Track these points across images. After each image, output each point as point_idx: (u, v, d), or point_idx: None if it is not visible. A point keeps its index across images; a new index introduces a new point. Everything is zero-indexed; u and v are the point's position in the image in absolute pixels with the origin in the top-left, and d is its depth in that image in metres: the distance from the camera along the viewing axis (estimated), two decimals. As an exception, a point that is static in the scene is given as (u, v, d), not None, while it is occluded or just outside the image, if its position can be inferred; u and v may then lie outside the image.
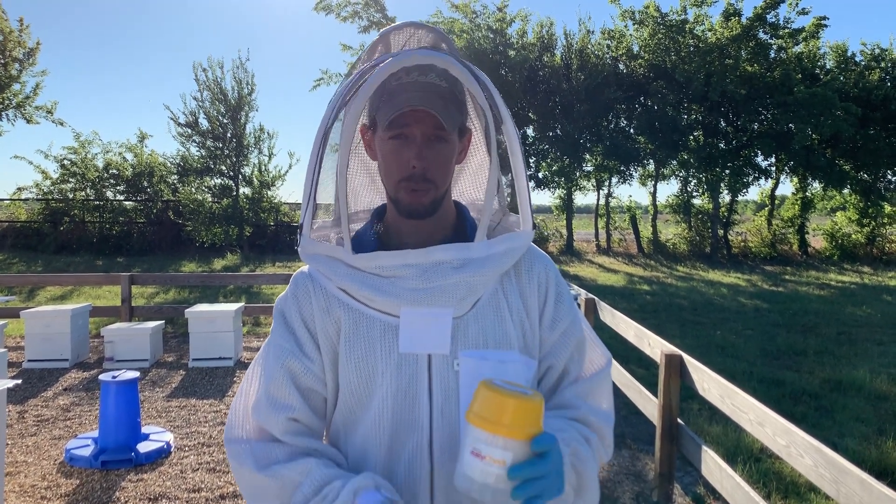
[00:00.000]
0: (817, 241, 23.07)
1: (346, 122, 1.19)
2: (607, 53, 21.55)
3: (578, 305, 6.19)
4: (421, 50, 1.19)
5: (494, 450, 0.99)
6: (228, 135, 20.06)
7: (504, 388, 1.01)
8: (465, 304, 1.19)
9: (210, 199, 20.07)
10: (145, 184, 20.48)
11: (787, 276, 16.94)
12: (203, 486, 4.25)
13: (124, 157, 20.64)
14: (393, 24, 1.27)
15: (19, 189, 20.44)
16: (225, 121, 20.01)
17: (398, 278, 1.17)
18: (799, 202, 22.33)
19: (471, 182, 1.38)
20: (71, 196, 19.93)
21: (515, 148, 1.23)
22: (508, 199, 1.33)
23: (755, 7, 20.18)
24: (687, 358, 3.76)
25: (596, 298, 6.05)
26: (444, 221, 1.26)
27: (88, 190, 20.12)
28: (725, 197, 22.07)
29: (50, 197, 19.97)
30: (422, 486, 1.17)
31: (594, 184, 23.32)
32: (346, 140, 1.20)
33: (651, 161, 22.17)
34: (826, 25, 20.88)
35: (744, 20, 20.12)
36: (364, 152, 1.32)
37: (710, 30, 20.58)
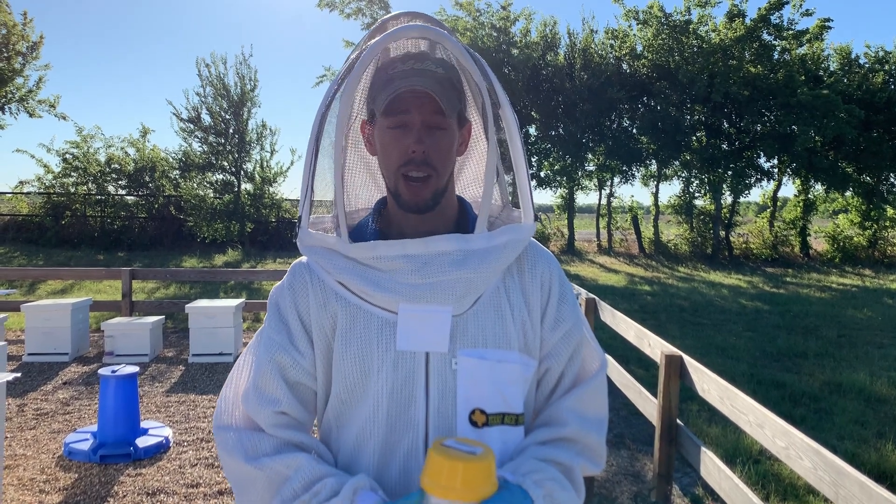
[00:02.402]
0: (819, 244, 23.04)
1: (341, 105, 1.17)
2: (611, 53, 21.53)
3: (578, 305, 6.19)
4: (414, 24, 1.18)
5: None
6: (231, 131, 20.04)
7: (453, 452, 1.02)
8: (465, 301, 1.17)
9: (212, 195, 20.06)
10: (147, 179, 20.48)
11: (788, 278, 16.93)
12: (201, 481, 4.25)
13: (126, 152, 20.64)
14: (390, 14, 1.26)
15: (21, 183, 20.48)
16: (227, 116, 19.99)
17: (396, 272, 1.15)
18: (801, 204, 22.30)
19: (473, 177, 1.36)
20: (73, 190, 19.93)
21: (514, 134, 1.21)
22: (511, 195, 1.31)
23: (759, 8, 20.16)
24: (687, 359, 3.75)
25: (596, 298, 6.04)
26: (446, 216, 1.24)
27: (90, 184, 20.12)
28: (727, 198, 22.06)
29: (52, 191, 19.97)
30: (416, 486, 1.16)
31: (596, 183, 23.30)
32: (341, 123, 1.18)
33: (653, 161, 22.14)
34: (830, 27, 20.86)
35: (748, 21, 20.11)
36: (364, 150, 1.31)
37: (713, 30, 20.57)
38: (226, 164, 20.23)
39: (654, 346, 4.28)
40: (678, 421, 3.87)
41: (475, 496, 1.01)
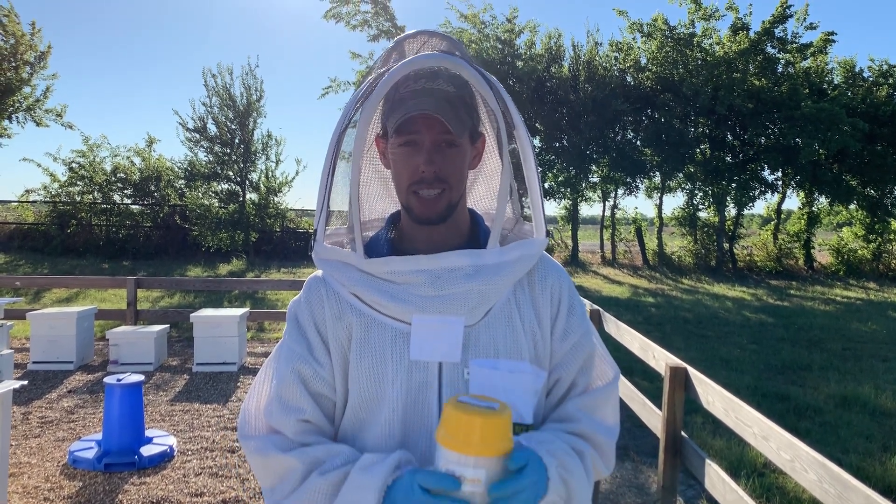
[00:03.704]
0: (823, 257, 22.99)
1: (359, 127, 1.20)
2: (615, 65, 21.58)
3: (588, 317, 6.18)
4: (432, 53, 1.20)
5: (466, 469, 0.99)
6: (236, 140, 20.12)
7: (470, 406, 1.01)
8: (477, 312, 1.19)
9: (217, 205, 20.10)
10: (152, 188, 20.55)
11: (792, 291, 16.89)
12: (205, 490, 4.26)
13: (132, 161, 20.72)
14: (407, 33, 1.28)
15: (27, 191, 20.55)
16: (233, 126, 20.07)
17: (410, 284, 1.18)
18: (805, 217, 22.27)
19: (485, 190, 1.38)
20: (78, 199, 19.99)
21: (528, 154, 1.24)
22: (525, 210, 1.33)
23: (763, 21, 20.22)
24: (692, 371, 3.75)
25: (601, 310, 6.04)
26: (458, 228, 1.27)
27: (96, 193, 20.19)
28: (731, 210, 22.02)
29: (57, 199, 20.05)
30: None
31: (600, 195, 23.29)
32: (358, 145, 1.21)
33: (657, 173, 22.15)
34: (834, 41, 20.89)
35: (752, 34, 20.16)
36: (379, 162, 1.33)
37: (717, 43, 20.62)
38: (231, 173, 20.31)
39: (659, 358, 4.28)
40: (683, 433, 3.86)
41: (492, 451, 1.00)
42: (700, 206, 22.26)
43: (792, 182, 22.20)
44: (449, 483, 0.98)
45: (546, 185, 22.06)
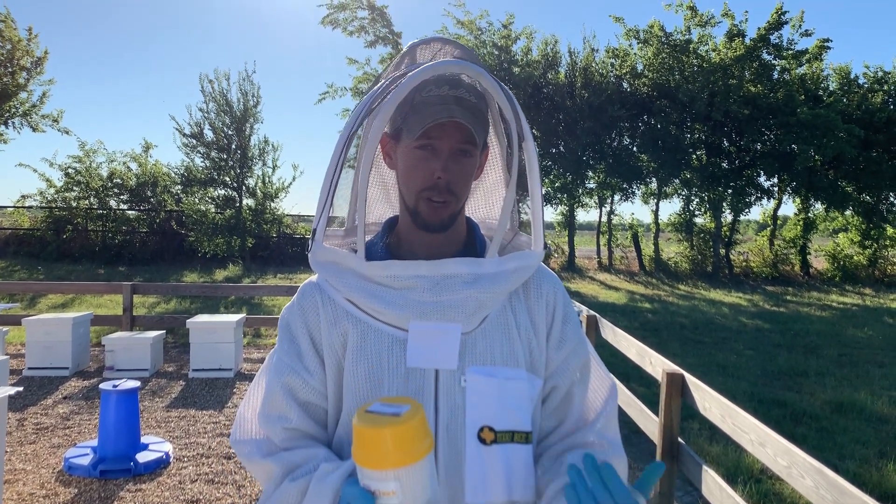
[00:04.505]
0: (819, 262, 23.06)
1: (374, 127, 1.18)
2: (611, 72, 21.66)
3: (580, 322, 6.19)
4: (456, 60, 1.20)
5: (380, 483, 0.95)
6: (233, 146, 20.08)
7: (378, 417, 0.95)
8: (474, 319, 1.19)
9: (213, 210, 20.07)
10: (149, 193, 20.53)
11: (788, 297, 16.92)
12: (201, 497, 4.24)
13: (128, 167, 20.70)
14: (421, 39, 1.27)
15: (23, 197, 20.50)
16: (230, 132, 20.03)
17: (408, 290, 1.17)
18: (801, 223, 22.34)
19: (484, 200, 1.38)
20: (74, 204, 19.98)
21: (534, 166, 1.24)
22: (522, 215, 1.33)
23: (759, 28, 20.33)
24: (688, 377, 3.75)
25: (597, 315, 6.04)
26: (456, 236, 1.27)
27: (92, 199, 20.17)
28: (727, 216, 22.10)
29: (53, 205, 20.02)
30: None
31: (596, 201, 23.34)
32: (370, 146, 1.19)
33: (654, 179, 22.21)
34: (829, 48, 21.01)
35: (747, 41, 20.26)
36: (381, 164, 1.32)
37: (713, 50, 20.72)
38: (227, 179, 20.27)
39: (656, 364, 4.28)
40: (679, 439, 3.86)
41: (411, 459, 0.94)
42: (696, 212, 22.34)
43: (788, 188, 22.29)
44: (363, 499, 0.97)
45: (542, 191, 22.05)
